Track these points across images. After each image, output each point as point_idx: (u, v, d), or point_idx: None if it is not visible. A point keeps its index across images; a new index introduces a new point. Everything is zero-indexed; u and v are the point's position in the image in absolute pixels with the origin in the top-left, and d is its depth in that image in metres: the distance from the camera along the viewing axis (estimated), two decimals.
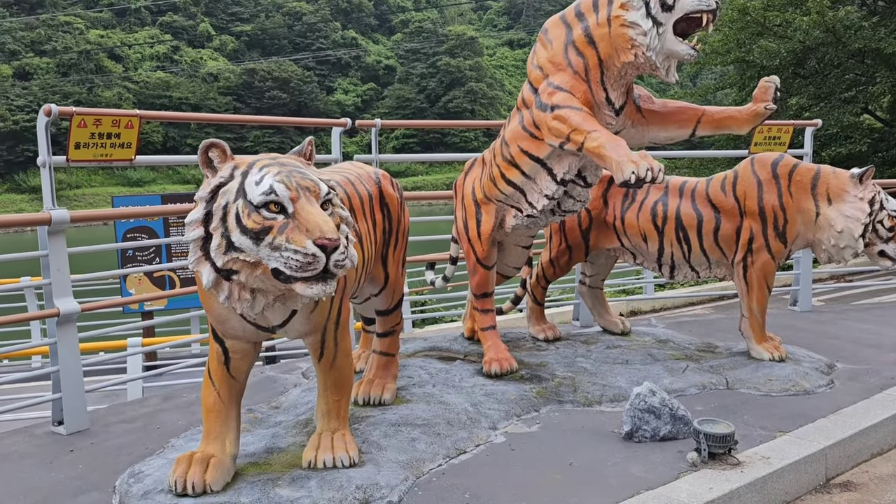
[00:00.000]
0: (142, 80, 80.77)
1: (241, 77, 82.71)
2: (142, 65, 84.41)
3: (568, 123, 3.67)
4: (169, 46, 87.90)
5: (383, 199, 3.97)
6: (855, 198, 4.52)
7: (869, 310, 7.16)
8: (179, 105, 77.73)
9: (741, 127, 4.07)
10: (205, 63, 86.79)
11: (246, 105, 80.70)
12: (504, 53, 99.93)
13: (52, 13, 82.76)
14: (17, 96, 72.31)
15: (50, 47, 78.94)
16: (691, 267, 5.03)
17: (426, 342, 5.42)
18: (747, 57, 15.78)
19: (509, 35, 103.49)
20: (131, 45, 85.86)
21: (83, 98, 73.30)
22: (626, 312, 11.19)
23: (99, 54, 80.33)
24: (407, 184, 72.60)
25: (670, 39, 3.60)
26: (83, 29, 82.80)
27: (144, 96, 77.77)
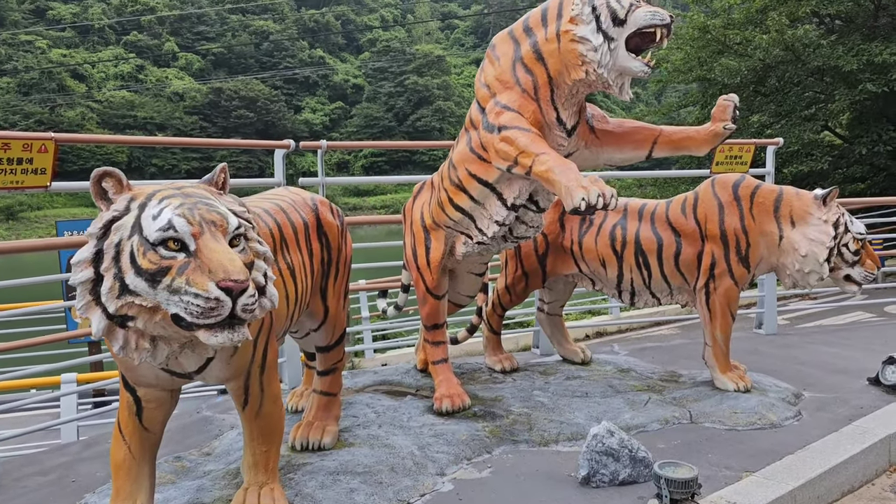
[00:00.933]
0: (106, 99, 79.57)
1: (207, 96, 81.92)
2: (106, 84, 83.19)
3: (515, 145, 3.43)
4: (134, 65, 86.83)
5: (321, 228, 3.69)
6: (819, 220, 4.34)
7: (835, 332, 7.02)
8: (144, 124, 76.70)
9: (700, 147, 3.87)
10: (170, 82, 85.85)
11: (213, 124, 79.89)
12: (471, 72, 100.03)
13: (12, 32, 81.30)
14: None
15: (10, 67, 77.44)
16: (652, 293, 4.81)
17: (376, 375, 5.12)
18: (708, 75, 15.81)
19: (476, 54, 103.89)
20: (95, 64, 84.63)
21: (45, 118, 71.96)
22: (593, 334, 10.99)
23: (62, 73, 78.98)
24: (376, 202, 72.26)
25: (623, 55, 3.38)
26: (45, 48, 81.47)
27: (108, 116, 76.61)
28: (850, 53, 13.72)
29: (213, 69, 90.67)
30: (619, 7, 3.38)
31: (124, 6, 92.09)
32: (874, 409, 4.48)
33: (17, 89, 75.68)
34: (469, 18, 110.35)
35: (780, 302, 11.44)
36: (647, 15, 3.35)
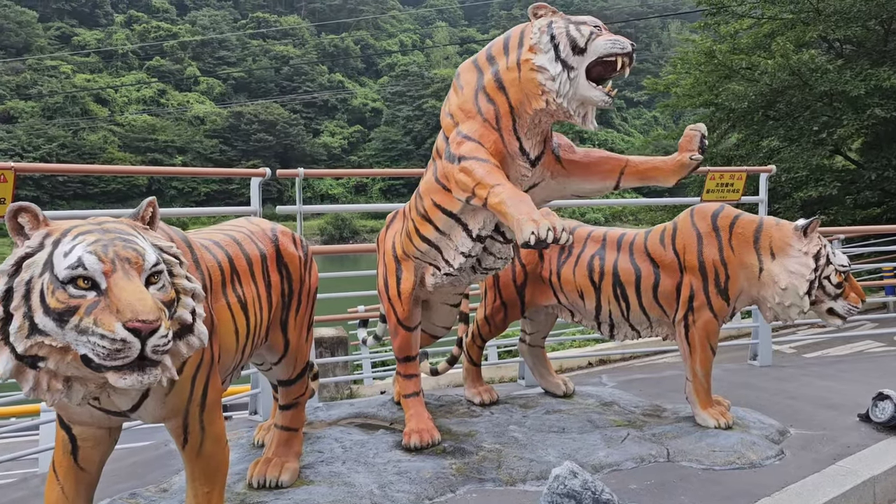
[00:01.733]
0: (127, 123, 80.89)
1: (227, 120, 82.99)
2: (128, 108, 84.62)
3: (472, 176, 3.35)
4: (156, 90, 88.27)
5: (281, 259, 3.62)
6: (799, 252, 4.20)
7: (832, 363, 6.81)
8: (165, 148, 77.74)
9: (667, 178, 3.76)
10: (191, 106, 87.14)
11: (232, 147, 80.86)
12: None
13: (38, 57, 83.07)
14: (1, 140, 72.05)
15: (35, 91, 79.04)
16: (631, 326, 4.68)
17: (352, 407, 5.03)
18: (716, 100, 15.71)
19: None
20: (117, 89, 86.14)
21: (68, 141, 73.27)
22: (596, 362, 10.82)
23: (85, 98, 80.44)
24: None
25: (583, 85, 3.30)
26: (70, 73, 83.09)
27: (130, 139, 77.81)
28: (858, 78, 13.56)
29: (234, 93, 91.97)
30: (578, 36, 3.31)
31: (147, 32, 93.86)
32: (861, 447, 4.31)
33: (42, 113, 77.11)
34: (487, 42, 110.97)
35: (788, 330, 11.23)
36: (608, 43, 3.27)
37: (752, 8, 16.17)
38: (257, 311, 3.36)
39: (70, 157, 69.96)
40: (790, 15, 15.10)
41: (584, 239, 4.78)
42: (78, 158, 69.64)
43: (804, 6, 14.57)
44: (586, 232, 4.82)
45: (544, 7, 3.49)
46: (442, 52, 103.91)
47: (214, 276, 3.07)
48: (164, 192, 72.44)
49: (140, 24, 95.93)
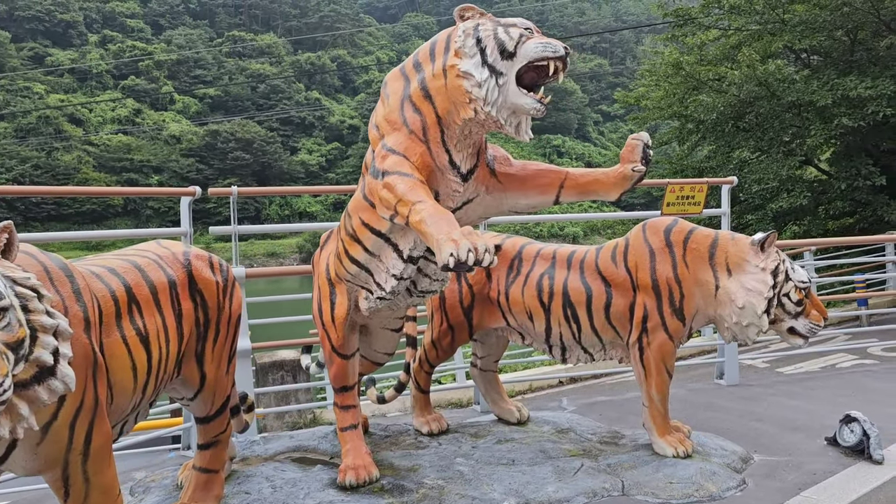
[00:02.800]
0: (102, 143, 79.95)
1: (203, 139, 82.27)
2: (103, 128, 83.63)
3: (395, 193, 3.07)
4: (131, 109, 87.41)
5: (194, 285, 3.31)
6: (756, 268, 3.96)
7: (802, 380, 6.59)
8: (141, 167, 76.88)
9: (608, 192, 3.51)
10: (167, 125, 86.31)
11: (209, 166, 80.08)
12: None
13: (10, 77, 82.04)
14: None
15: (8, 112, 77.99)
16: (584, 349, 4.41)
17: (292, 440, 4.70)
18: (685, 112, 15.60)
19: None
20: (92, 108, 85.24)
21: (41, 162, 72.29)
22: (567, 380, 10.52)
23: (59, 118, 79.47)
24: None
25: (513, 91, 3.04)
26: (43, 93, 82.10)
27: (105, 159, 76.89)
28: (825, 88, 13.49)
29: (210, 112, 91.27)
30: (507, 39, 3.05)
31: (122, 52, 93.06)
32: (828, 475, 4.06)
33: (14, 134, 76.03)
34: None
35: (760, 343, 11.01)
36: (539, 46, 3.02)
37: (719, 19, 16.13)
38: (163, 344, 3.05)
39: (44, 178, 69.06)
40: (757, 26, 15.05)
41: (533, 257, 4.52)
42: (52, 179, 68.75)
43: (770, 17, 14.53)
44: (535, 249, 4.56)
45: (471, 9, 3.24)
46: None
47: (105, 308, 2.77)
48: (140, 213, 71.65)
49: (115, 44, 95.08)
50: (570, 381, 10.59)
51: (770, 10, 14.36)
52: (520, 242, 4.64)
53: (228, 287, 3.57)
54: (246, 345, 4.99)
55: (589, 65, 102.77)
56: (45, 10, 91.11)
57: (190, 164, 79.91)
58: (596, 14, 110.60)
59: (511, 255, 4.56)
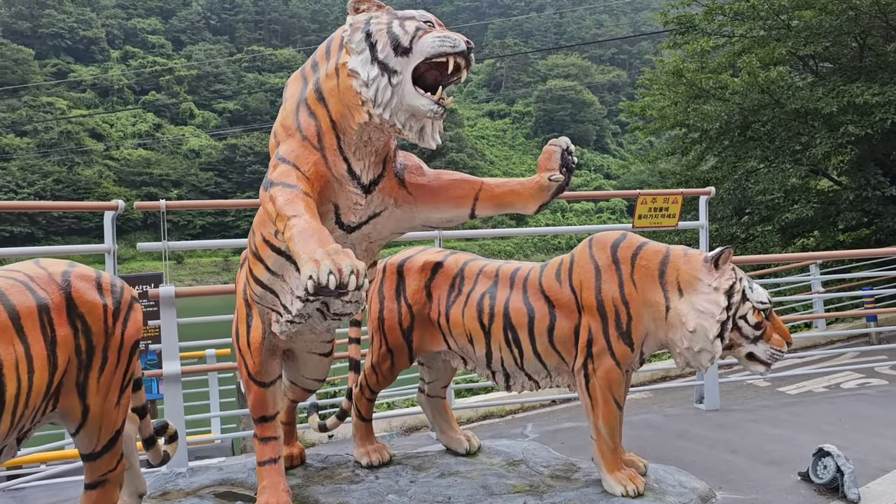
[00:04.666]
0: (123, 157, 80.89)
1: (222, 152, 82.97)
2: (123, 143, 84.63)
3: (275, 206, 2.75)
4: (151, 124, 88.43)
5: (73, 309, 3.02)
6: (709, 287, 3.57)
7: (787, 405, 6.14)
8: (161, 181, 77.52)
9: (526, 204, 3.16)
10: (187, 139, 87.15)
11: (227, 180, 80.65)
12: (485, 124, 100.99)
13: (34, 94, 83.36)
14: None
15: (31, 128, 79.20)
16: (528, 375, 4.04)
17: (220, 472, 4.37)
18: (687, 121, 15.15)
19: (489, 106, 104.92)
20: (113, 124, 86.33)
21: (63, 177, 73.28)
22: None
23: (80, 133, 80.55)
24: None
25: (409, 92, 2.71)
26: (65, 109, 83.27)
27: (125, 174, 77.76)
28: (830, 95, 12.99)
29: (230, 126, 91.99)
30: (401, 33, 2.73)
31: (143, 67, 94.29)
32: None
33: (37, 150, 77.17)
34: (482, 71, 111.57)
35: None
36: (436, 41, 2.69)
37: (722, 26, 15.68)
38: (23, 375, 2.75)
39: (66, 193, 69.97)
40: (762, 32, 14.60)
41: (475, 274, 4.16)
42: (73, 193, 69.63)
43: (775, 23, 14.08)
44: (479, 266, 4.21)
45: (367, 0, 2.92)
46: None
47: None
48: (158, 226, 72.15)
49: (136, 60, 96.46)
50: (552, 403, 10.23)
51: (774, 15, 13.92)
52: (463, 259, 4.29)
53: (121, 310, 3.26)
54: (175, 369, 4.68)
55: (607, 76, 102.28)
56: (67, 26, 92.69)
57: (209, 178, 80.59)
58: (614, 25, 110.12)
59: (453, 273, 4.21)
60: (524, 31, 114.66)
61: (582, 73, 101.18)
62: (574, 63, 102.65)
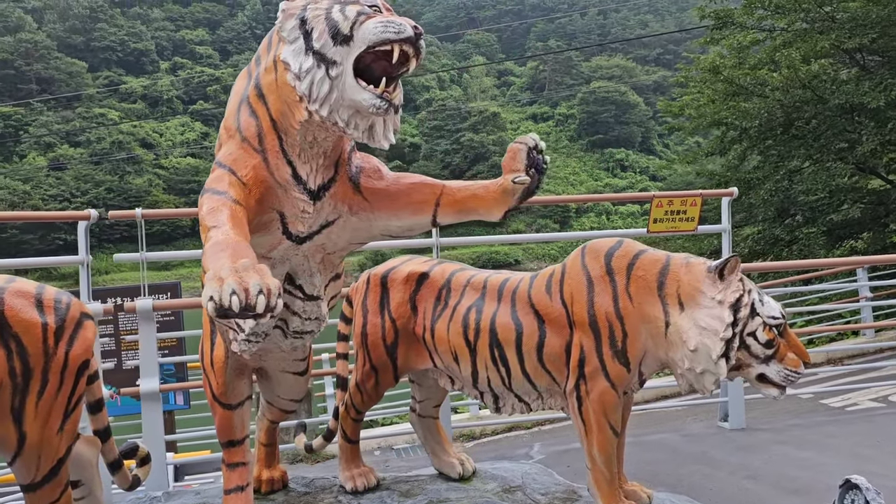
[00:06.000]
0: (172, 166, 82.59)
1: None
2: (172, 151, 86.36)
3: (201, 215, 2.48)
4: (199, 133, 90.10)
5: (6, 329, 2.81)
6: (712, 301, 3.18)
7: (821, 425, 5.64)
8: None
9: (490, 210, 2.84)
10: None
11: None
12: (528, 127, 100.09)
13: (87, 105, 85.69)
14: (51, 186, 74.37)
15: (84, 138, 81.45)
16: (517, 397, 3.70)
17: (197, 497, 4.14)
18: (725, 119, 14.50)
19: (532, 109, 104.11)
20: (162, 133, 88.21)
21: (114, 185, 75.16)
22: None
23: (131, 143, 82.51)
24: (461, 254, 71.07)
25: (350, 85, 2.41)
26: (117, 119, 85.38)
27: (174, 182, 79.34)
28: (878, 89, 12.25)
29: None
30: (341, 19, 2.43)
31: (191, 78, 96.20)
32: None
33: (90, 159, 79.29)
34: (525, 74, 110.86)
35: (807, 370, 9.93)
36: (378, 27, 2.39)
37: (762, 19, 15.00)
38: None
39: (117, 201, 71.59)
40: (804, 24, 13.91)
41: (462, 286, 3.84)
42: (124, 202, 71.20)
43: (818, 15, 13.38)
44: (466, 277, 3.88)
45: None
46: (479, 85, 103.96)
47: None
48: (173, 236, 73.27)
49: (184, 70, 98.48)
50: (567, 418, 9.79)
51: (818, 7, 13.22)
52: (450, 269, 3.97)
53: (65, 329, 3.03)
54: (153, 386, 4.46)
55: (652, 77, 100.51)
56: (119, 39, 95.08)
57: None
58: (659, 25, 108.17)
59: (439, 284, 3.90)
60: (567, 33, 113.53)
61: (626, 75, 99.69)
62: (618, 64, 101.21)
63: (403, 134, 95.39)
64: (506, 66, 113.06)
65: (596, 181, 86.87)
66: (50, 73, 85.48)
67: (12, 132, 78.95)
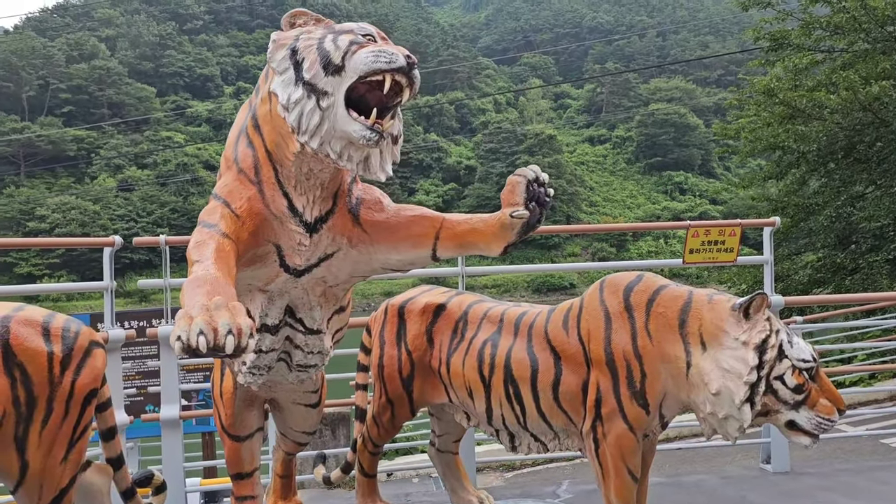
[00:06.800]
0: None
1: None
2: None
3: (188, 248, 2.43)
4: None
5: (11, 357, 2.82)
6: (736, 342, 2.99)
7: (876, 469, 5.27)
8: None
9: (489, 244, 2.72)
10: None
11: None
12: (585, 150, 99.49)
13: (154, 129, 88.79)
14: (119, 206, 77.06)
15: (151, 160, 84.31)
16: (533, 436, 3.55)
17: None
18: (782, 143, 14.02)
19: (589, 132, 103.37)
20: None
21: (179, 206, 77.42)
22: None
23: (195, 165, 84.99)
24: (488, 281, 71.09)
25: (342, 116, 2.34)
26: (182, 142, 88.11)
27: None
28: None
29: None
30: (332, 48, 2.37)
31: None
32: None
33: (156, 181, 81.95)
34: (582, 97, 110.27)
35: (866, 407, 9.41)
36: (369, 57, 2.32)
37: (820, 41, 14.52)
38: None
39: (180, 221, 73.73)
40: (865, 45, 13.39)
41: (479, 318, 3.73)
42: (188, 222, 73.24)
43: (880, 34, 12.86)
44: (484, 309, 3.76)
45: (304, 14, 2.59)
46: (535, 108, 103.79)
47: None
48: None
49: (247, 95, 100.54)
50: None
51: (879, 27, 12.72)
52: (469, 300, 3.86)
53: (72, 358, 3.03)
54: (173, 413, 4.44)
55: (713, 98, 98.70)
56: (186, 65, 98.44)
57: None
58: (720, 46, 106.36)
59: (456, 316, 3.79)
60: (625, 55, 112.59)
61: (686, 96, 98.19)
62: (678, 86, 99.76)
63: (459, 157, 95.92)
64: (562, 89, 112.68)
65: (654, 204, 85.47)
66: (121, 98, 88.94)
67: (85, 154, 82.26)
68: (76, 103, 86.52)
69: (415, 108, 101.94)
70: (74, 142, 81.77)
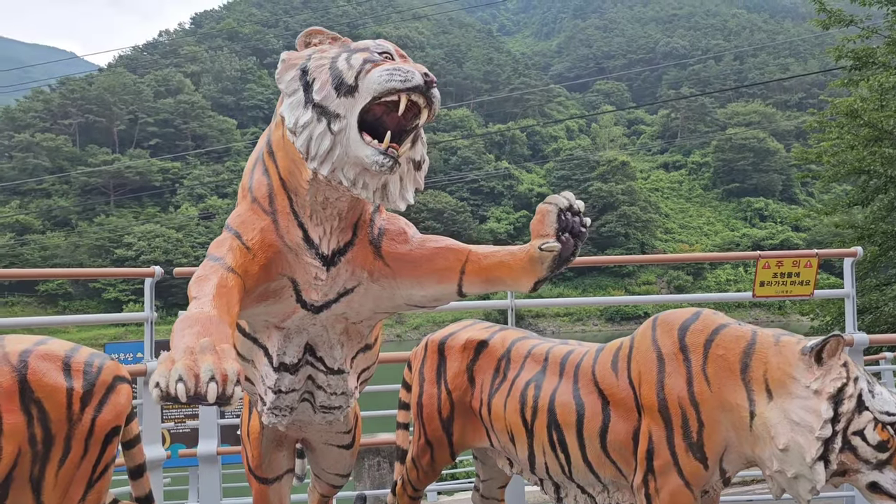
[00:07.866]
0: None
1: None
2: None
3: (189, 282, 2.28)
4: None
5: (28, 393, 2.73)
6: (807, 390, 2.63)
7: None
8: None
9: (517, 280, 2.46)
10: None
11: None
12: (659, 176, 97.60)
13: (235, 160, 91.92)
14: (200, 234, 79.78)
15: (231, 190, 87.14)
16: (580, 487, 3.24)
17: None
18: (868, 167, 13.20)
19: (664, 158, 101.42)
20: None
21: None
22: None
23: None
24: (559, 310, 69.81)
25: (354, 140, 2.16)
26: None
27: None
28: None
29: None
30: (346, 67, 2.20)
31: None
32: None
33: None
34: (656, 122, 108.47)
35: None
36: (384, 76, 2.13)
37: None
38: None
39: None
40: None
41: (523, 357, 3.47)
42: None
43: None
44: (528, 346, 3.50)
45: (320, 33, 2.43)
46: (608, 134, 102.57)
47: None
48: None
49: None
50: None
51: None
52: (512, 337, 3.61)
53: (94, 394, 2.93)
54: (210, 449, 4.32)
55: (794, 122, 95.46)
56: (265, 98, 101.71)
57: None
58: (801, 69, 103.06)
59: (498, 354, 3.54)
60: (701, 79, 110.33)
61: (765, 120, 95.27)
62: (756, 110, 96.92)
63: (530, 184, 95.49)
64: (636, 115, 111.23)
65: (732, 231, 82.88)
66: (204, 131, 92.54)
67: (170, 184, 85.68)
68: (162, 136, 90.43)
69: (486, 135, 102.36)
70: (160, 172, 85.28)
